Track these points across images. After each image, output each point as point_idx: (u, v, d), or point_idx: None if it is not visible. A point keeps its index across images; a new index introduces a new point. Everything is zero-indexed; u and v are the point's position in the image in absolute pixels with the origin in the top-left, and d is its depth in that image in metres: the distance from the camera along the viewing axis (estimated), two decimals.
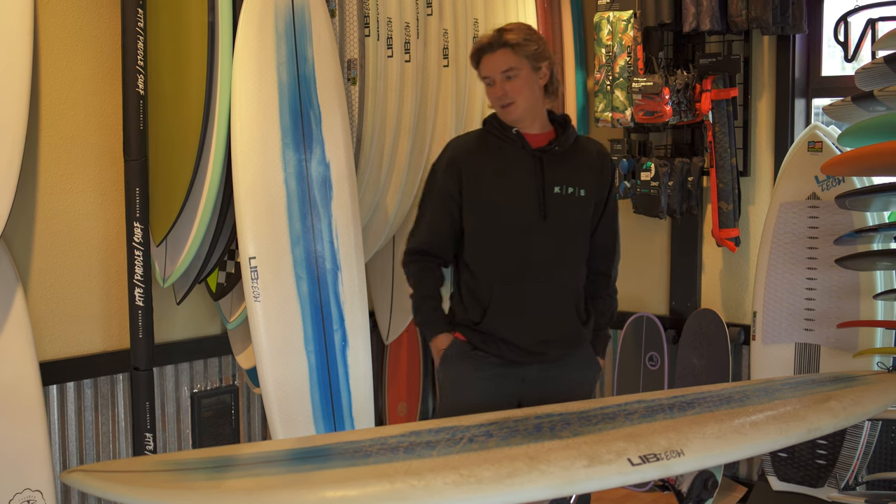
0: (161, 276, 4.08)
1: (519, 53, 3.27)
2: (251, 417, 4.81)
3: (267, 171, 3.90)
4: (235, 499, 2.22)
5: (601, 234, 3.48)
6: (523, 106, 3.31)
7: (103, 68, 4.10)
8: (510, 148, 3.35)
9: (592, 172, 3.41)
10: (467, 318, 3.38)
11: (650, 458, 2.54)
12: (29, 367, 3.80)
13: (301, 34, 4.00)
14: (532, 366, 3.36)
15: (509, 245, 3.32)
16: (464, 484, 2.34)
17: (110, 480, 2.24)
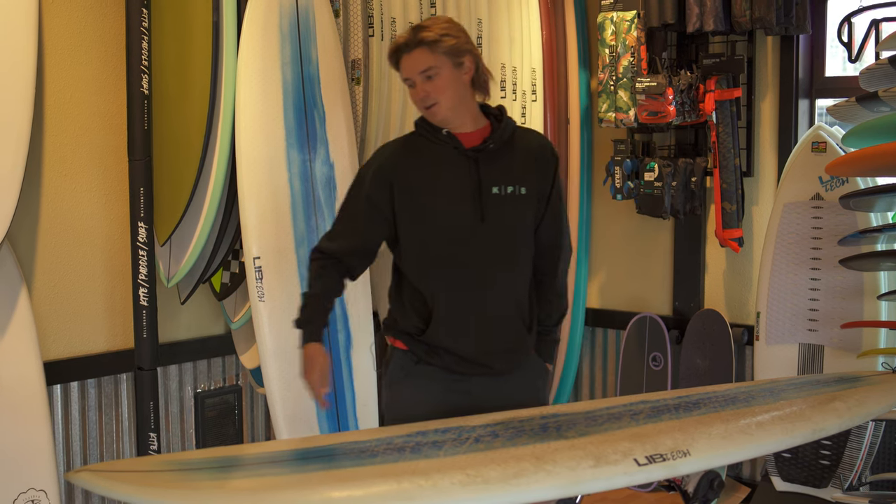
0: (165, 275, 4.08)
1: (437, 51, 3.04)
2: (254, 417, 4.81)
3: (271, 172, 3.90)
4: (241, 499, 2.23)
5: (545, 232, 3.24)
6: (448, 105, 3.07)
7: (107, 68, 4.11)
8: (442, 150, 3.12)
9: (533, 167, 3.18)
10: (411, 326, 3.14)
11: (656, 459, 2.54)
12: (33, 366, 3.81)
13: (305, 34, 4.00)
14: (477, 378, 3.13)
15: (448, 252, 3.09)
16: (470, 484, 2.34)
17: (116, 480, 2.24)
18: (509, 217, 3.11)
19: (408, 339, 3.15)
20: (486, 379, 3.13)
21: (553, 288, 3.33)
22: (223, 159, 3.90)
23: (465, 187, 3.08)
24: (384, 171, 3.12)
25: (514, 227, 3.14)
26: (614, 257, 5.48)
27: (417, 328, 3.12)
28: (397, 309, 3.21)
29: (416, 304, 3.13)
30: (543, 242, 3.25)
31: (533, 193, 3.16)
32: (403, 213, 3.11)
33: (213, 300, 4.52)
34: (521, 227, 3.16)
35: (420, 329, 3.11)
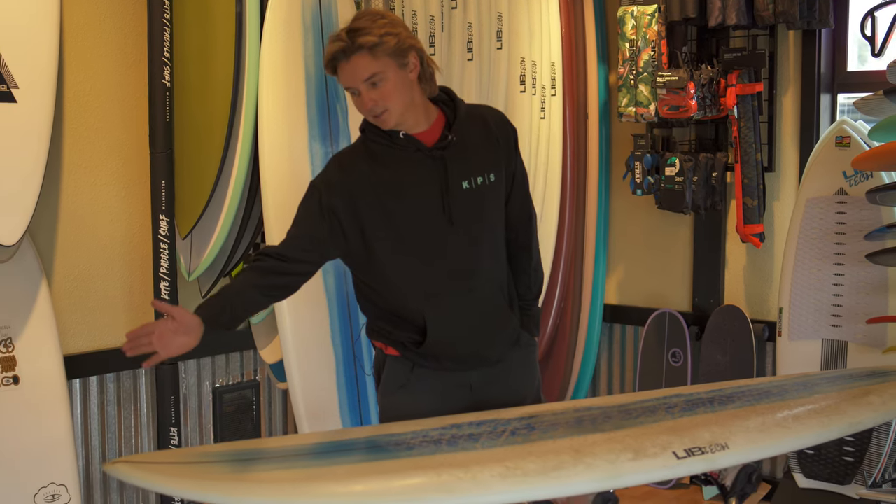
0: (186, 269, 4.06)
1: (379, 55, 2.78)
2: (272, 413, 4.78)
3: (294, 164, 3.88)
4: (283, 490, 2.20)
5: (515, 206, 3.10)
6: (398, 111, 2.85)
7: (127, 60, 4.08)
8: (403, 154, 2.91)
9: (496, 147, 3.02)
10: (406, 338, 2.98)
11: (695, 452, 2.52)
12: (53, 361, 3.79)
13: (328, 26, 3.97)
14: (474, 371, 3.03)
15: (427, 261, 2.93)
16: (510, 476, 2.32)
17: (155, 472, 2.22)
18: (483, 210, 2.98)
19: (401, 347, 3.02)
20: (483, 370, 3.05)
21: (530, 261, 3.19)
22: (245, 152, 3.87)
23: (434, 190, 2.90)
24: (345, 186, 2.91)
25: (489, 220, 3.01)
26: (633, 253, 5.45)
27: (414, 340, 2.98)
28: (382, 319, 3.05)
29: (403, 314, 2.98)
30: (515, 216, 3.12)
31: (501, 175, 3.02)
32: (375, 229, 2.90)
33: None
34: (495, 216, 3.04)
35: (417, 342, 2.97)
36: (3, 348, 3.66)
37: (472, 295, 2.98)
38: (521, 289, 3.16)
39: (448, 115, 2.99)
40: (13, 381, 3.66)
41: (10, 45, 3.47)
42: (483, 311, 3.01)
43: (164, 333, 2.74)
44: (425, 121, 2.95)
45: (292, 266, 2.92)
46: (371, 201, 2.89)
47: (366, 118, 2.94)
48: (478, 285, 2.99)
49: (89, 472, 4.10)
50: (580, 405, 2.89)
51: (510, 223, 3.11)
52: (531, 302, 3.21)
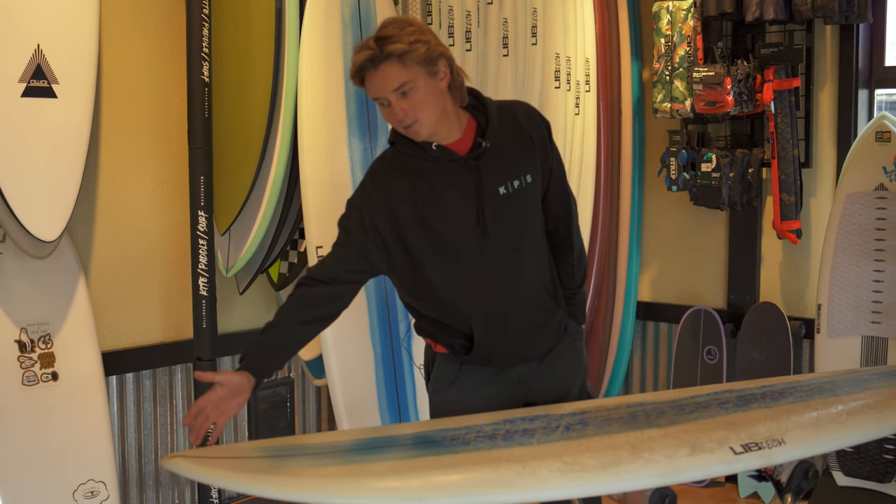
0: (224, 265, 4.05)
1: (409, 63, 2.70)
2: (306, 410, 4.77)
3: (333, 160, 3.87)
4: (344, 486, 2.18)
5: (554, 198, 3.05)
6: (430, 122, 2.76)
7: (163, 55, 4.07)
8: (436, 165, 2.84)
9: (529, 146, 2.95)
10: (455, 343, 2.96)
11: (752, 448, 2.49)
12: (91, 357, 3.79)
13: (366, 21, 3.96)
14: (522, 365, 3.01)
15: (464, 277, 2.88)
16: (568, 472, 2.30)
17: (213, 466, 2.21)
18: (522, 213, 2.93)
19: (450, 348, 3.01)
20: (531, 363, 3.03)
21: (572, 251, 3.14)
22: (284, 148, 3.86)
23: (470, 201, 2.84)
24: (384, 202, 2.83)
25: (529, 221, 2.96)
26: (667, 250, 5.42)
27: (462, 345, 2.95)
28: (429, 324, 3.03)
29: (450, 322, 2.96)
30: (555, 209, 3.07)
31: (538, 174, 2.96)
32: (417, 243, 2.84)
33: (267, 291, 4.49)
34: (535, 215, 2.99)
35: (466, 346, 2.95)
36: (42, 345, 3.66)
37: (516, 299, 2.95)
38: (564, 278, 3.12)
39: (479, 120, 2.92)
40: (52, 378, 3.66)
41: (50, 40, 3.47)
42: (528, 312, 2.99)
43: (217, 403, 2.70)
44: (458, 129, 2.88)
45: (340, 288, 2.86)
46: (410, 216, 2.83)
47: (395, 129, 2.88)
48: (520, 288, 2.95)
49: (126, 468, 4.10)
50: (631, 401, 2.87)
51: (550, 216, 3.06)
52: (576, 290, 3.17)
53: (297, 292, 2.84)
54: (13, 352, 3.59)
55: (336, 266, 2.86)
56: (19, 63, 3.39)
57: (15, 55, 3.38)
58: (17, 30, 3.37)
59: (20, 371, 3.59)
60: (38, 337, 3.65)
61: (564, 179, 3.12)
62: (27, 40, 3.41)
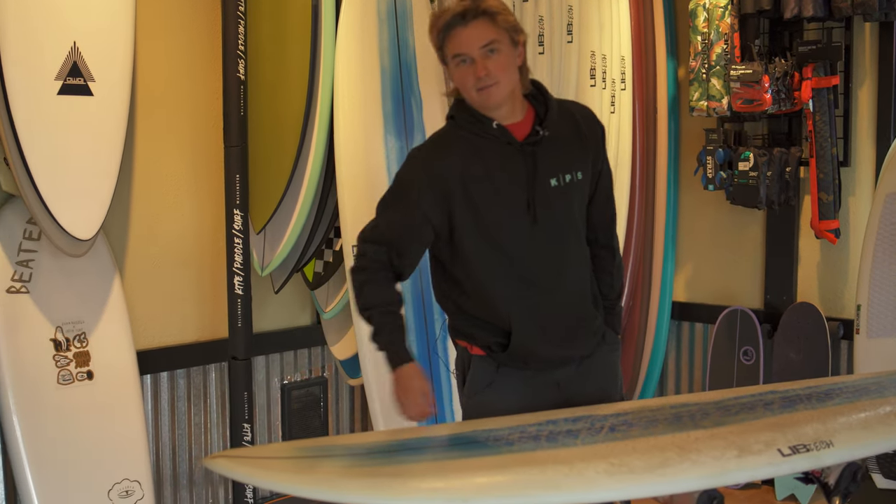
0: (259, 264, 4.03)
1: (500, 24, 2.72)
2: (339, 410, 4.75)
3: (370, 159, 3.85)
4: (385, 485, 2.16)
5: (600, 204, 3.02)
6: (507, 87, 2.77)
7: (200, 53, 4.07)
8: (493, 145, 2.81)
9: (585, 145, 2.93)
10: (491, 340, 2.90)
11: (800, 449, 2.45)
12: (126, 356, 3.79)
13: (402, 19, 3.94)
14: (560, 369, 2.93)
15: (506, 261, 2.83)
16: (616, 473, 2.27)
17: (256, 466, 2.18)
18: (570, 208, 2.89)
19: (486, 348, 2.94)
20: (569, 368, 2.96)
21: (612, 261, 3.11)
22: (320, 147, 3.84)
23: (521, 185, 2.81)
24: (432, 176, 2.81)
25: (575, 218, 2.93)
26: (702, 249, 5.38)
27: (499, 343, 2.89)
28: (466, 321, 2.96)
29: (488, 317, 2.90)
30: (598, 216, 3.04)
31: (588, 173, 2.94)
32: (462, 222, 2.81)
33: (300, 290, 4.48)
34: (581, 214, 2.96)
35: (503, 344, 2.89)
36: (78, 343, 3.65)
37: (557, 294, 2.90)
38: (604, 288, 3.08)
39: (538, 110, 2.90)
40: (87, 377, 3.66)
41: (87, 38, 3.47)
42: (568, 310, 2.94)
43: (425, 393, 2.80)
44: (520, 112, 2.86)
45: (397, 267, 2.87)
46: (459, 194, 2.79)
47: (462, 98, 2.85)
48: (562, 285, 2.91)
49: (160, 467, 4.09)
50: (675, 401, 2.83)
51: (592, 223, 3.03)
52: (615, 301, 3.14)
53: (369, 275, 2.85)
54: (49, 350, 3.58)
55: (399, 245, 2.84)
56: (56, 61, 3.40)
57: (51, 53, 3.38)
58: (53, 28, 3.37)
59: (55, 370, 3.59)
60: (74, 336, 3.65)
61: (611, 187, 3.10)
62: (64, 38, 3.41)
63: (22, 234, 3.54)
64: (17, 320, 3.50)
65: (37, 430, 3.48)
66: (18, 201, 3.52)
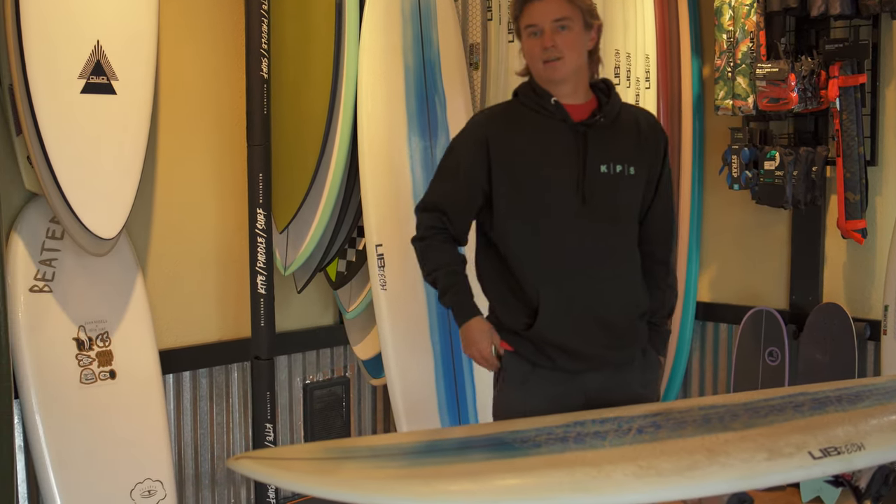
0: (282, 264, 4.01)
1: (574, 4, 2.83)
2: (362, 410, 4.74)
3: (393, 158, 3.83)
4: (413, 487, 2.13)
5: (657, 217, 3.02)
6: (572, 65, 2.84)
7: (219, 52, 4.06)
8: (547, 122, 2.88)
9: (643, 146, 2.95)
10: (516, 321, 2.91)
11: (831, 452, 2.42)
12: (149, 356, 3.78)
13: (426, 17, 3.92)
14: (592, 373, 2.90)
15: (553, 236, 2.85)
16: (644, 476, 2.24)
17: (281, 468, 2.16)
18: (617, 198, 2.90)
19: (514, 339, 2.93)
20: (600, 374, 2.92)
21: (665, 278, 3.10)
22: (344, 145, 3.82)
23: (571, 164, 2.85)
24: (483, 141, 2.89)
25: (622, 210, 2.93)
26: (727, 249, 5.33)
27: (523, 323, 2.89)
28: (498, 301, 2.98)
29: (518, 295, 2.90)
30: (655, 229, 3.04)
31: (643, 174, 2.95)
32: (501, 189, 2.88)
33: (323, 290, 4.46)
34: (630, 209, 2.95)
35: (526, 324, 2.88)
36: (101, 342, 3.65)
37: (597, 285, 2.88)
38: (653, 303, 3.05)
39: (602, 102, 2.95)
40: (110, 376, 3.65)
41: (109, 36, 3.46)
42: (607, 306, 2.90)
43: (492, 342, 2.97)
44: (581, 96, 2.93)
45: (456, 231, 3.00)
46: (504, 163, 2.87)
47: (530, 73, 2.94)
48: (605, 276, 2.89)
49: (182, 467, 4.08)
50: (703, 403, 2.80)
51: (649, 235, 3.03)
52: (663, 319, 3.11)
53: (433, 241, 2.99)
54: (71, 350, 3.58)
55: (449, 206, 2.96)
56: (79, 59, 3.39)
57: (75, 51, 3.37)
58: (76, 26, 3.36)
59: (78, 369, 3.58)
60: (97, 335, 3.64)
61: (671, 201, 3.09)
62: (87, 36, 3.40)
63: (45, 234, 3.54)
64: (40, 319, 3.50)
65: (59, 429, 3.47)
66: (42, 200, 3.51)
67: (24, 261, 3.48)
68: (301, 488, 2.11)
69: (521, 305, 2.90)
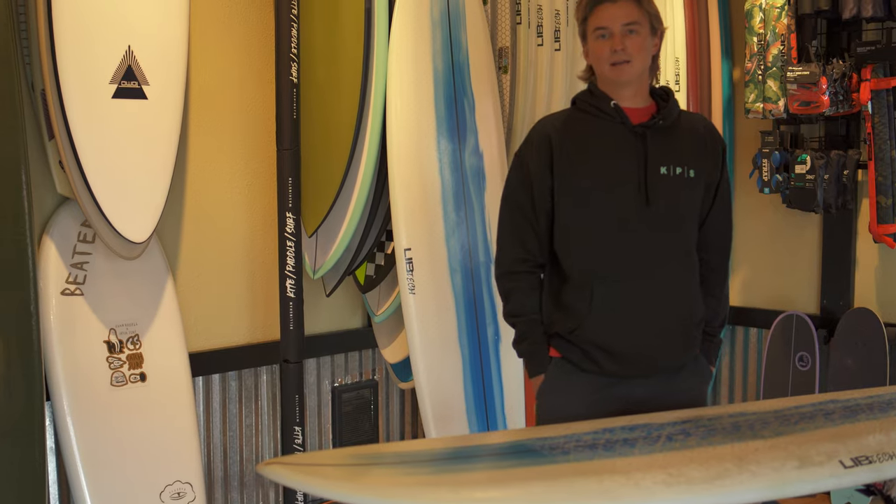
0: (311, 267, 4.03)
1: (643, 9, 2.88)
2: (390, 413, 4.74)
3: (422, 162, 3.83)
4: (440, 494, 2.13)
5: (715, 224, 3.04)
6: (638, 69, 2.88)
7: (253, 57, 4.07)
8: (607, 124, 2.92)
9: (702, 150, 2.97)
10: (565, 324, 2.92)
11: (862, 461, 2.40)
12: (179, 358, 3.80)
13: (455, 21, 3.92)
14: (638, 380, 2.91)
15: (608, 236, 2.87)
16: (674, 484, 2.23)
17: (311, 474, 2.17)
18: (678, 200, 2.91)
19: (562, 343, 2.94)
20: (647, 381, 2.92)
21: (721, 286, 3.12)
22: (373, 149, 3.83)
23: (631, 165, 2.88)
24: (545, 145, 2.93)
25: (682, 213, 2.93)
26: (757, 253, 5.30)
27: (574, 326, 2.89)
28: (551, 304, 2.99)
29: (571, 299, 2.91)
30: (712, 236, 3.05)
31: (701, 178, 2.96)
32: (562, 189, 2.91)
33: (352, 293, 4.47)
34: (689, 213, 2.96)
35: (573, 328, 2.89)
36: (131, 345, 3.66)
37: (651, 287, 2.89)
38: (708, 312, 3.06)
39: (661, 107, 2.98)
40: (140, 379, 3.67)
41: (141, 42, 3.48)
42: (660, 309, 2.91)
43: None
44: (641, 100, 2.96)
45: (541, 260, 3.01)
46: (564, 166, 2.91)
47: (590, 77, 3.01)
48: (660, 279, 2.90)
49: (211, 469, 4.10)
50: (733, 410, 2.78)
51: (706, 242, 3.04)
52: (717, 329, 3.11)
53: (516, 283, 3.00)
54: (102, 352, 3.60)
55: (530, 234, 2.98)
56: (111, 65, 3.40)
57: (106, 57, 3.39)
58: (108, 32, 3.38)
59: (109, 372, 3.60)
60: (127, 338, 3.66)
61: (729, 209, 3.12)
62: (118, 42, 3.42)
63: (77, 237, 3.56)
64: (71, 322, 3.52)
65: (90, 431, 3.49)
66: (73, 204, 3.54)
67: (55, 264, 3.50)
68: (329, 494, 2.11)
69: (574, 308, 2.92)
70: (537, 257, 2.98)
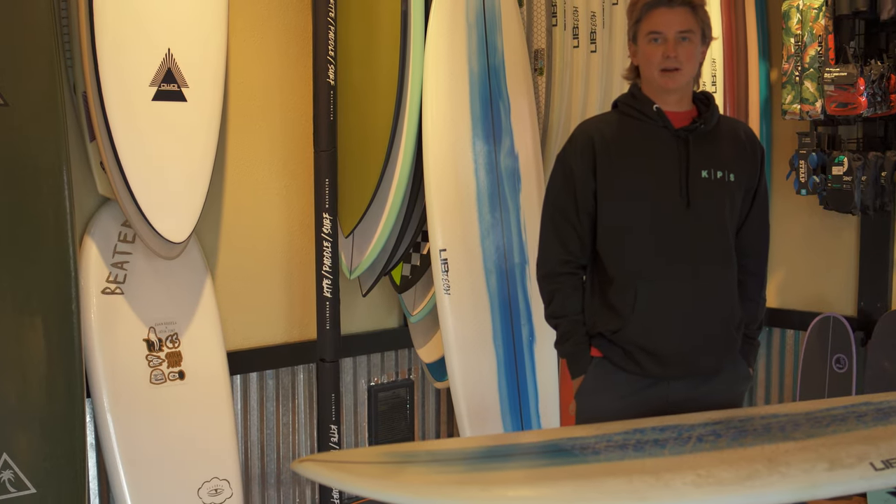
0: (347, 267, 4.06)
1: (699, 17, 2.89)
2: (426, 412, 4.77)
3: (458, 163, 3.85)
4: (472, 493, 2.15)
5: (753, 228, 3.06)
6: (687, 76, 2.91)
7: (290, 59, 4.11)
8: (649, 127, 2.94)
9: (742, 155, 2.99)
10: (607, 324, 2.94)
11: (893, 463, 2.40)
12: (217, 357, 3.83)
13: (491, 23, 3.94)
14: (678, 381, 2.93)
15: (652, 238, 2.89)
16: (704, 485, 2.24)
17: (345, 471, 2.20)
18: (718, 203, 2.92)
19: (604, 343, 2.97)
20: (687, 382, 2.94)
21: (759, 290, 3.13)
22: (409, 151, 3.86)
23: (673, 168, 2.90)
24: (588, 148, 2.95)
25: (722, 216, 2.94)
26: (794, 255, 5.29)
27: (616, 326, 2.92)
28: (594, 305, 3.01)
29: (614, 300, 2.93)
30: (750, 241, 3.07)
31: (741, 182, 2.98)
32: (605, 193, 2.93)
33: (388, 293, 4.50)
34: (729, 216, 2.97)
35: (616, 328, 2.92)
36: (170, 344, 3.71)
37: (692, 288, 2.91)
38: (746, 315, 3.08)
39: (702, 111, 3.00)
40: (179, 377, 3.71)
41: (180, 45, 3.52)
42: (701, 311, 2.93)
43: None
44: (684, 104, 2.98)
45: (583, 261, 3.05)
46: (607, 168, 2.93)
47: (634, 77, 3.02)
48: (701, 281, 2.92)
49: (248, 466, 4.14)
50: (764, 412, 2.79)
51: (744, 246, 3.06)
52: (755, 331, 3.13)
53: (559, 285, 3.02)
54: (142, 350, 3.65)
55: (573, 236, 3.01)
56: (150, 67, 3.45)
57: (146, 60, 3.44)
58: (148, 35, 3.43)
59: (148, 370, 3.65)
60: (166, 336, 3.71)
61: (767, 214, 3.13)
62: (158, 45, 3.46)
63: (117, 237, 3.62)
64: (111, 321, 3.57)
65: (130, 428, 3.54)
66: (114, 205, 3.59)
67: (96, 263, 3.56)
68: (362, 492, 2.14)
69: (616, 308, 2.94)
70: (579, 259, 3.00)
